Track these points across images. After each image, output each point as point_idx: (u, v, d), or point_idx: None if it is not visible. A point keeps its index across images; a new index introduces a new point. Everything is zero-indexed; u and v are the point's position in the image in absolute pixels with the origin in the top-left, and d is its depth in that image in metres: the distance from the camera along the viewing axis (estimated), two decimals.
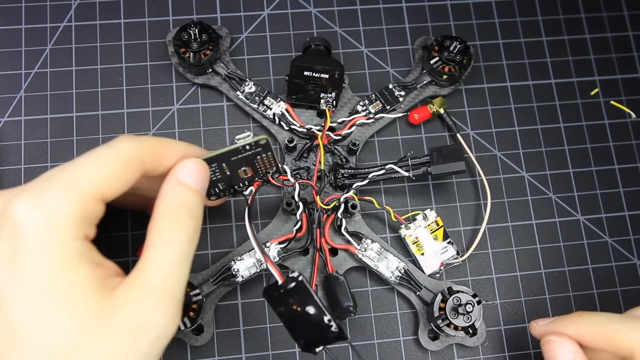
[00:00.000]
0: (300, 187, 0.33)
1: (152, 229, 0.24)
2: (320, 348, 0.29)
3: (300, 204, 0.33)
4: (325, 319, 0.29)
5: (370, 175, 0.34)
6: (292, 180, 0.33)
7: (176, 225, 0.24)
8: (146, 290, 0.22)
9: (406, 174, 0.34)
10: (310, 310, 0.29)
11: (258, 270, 0.33)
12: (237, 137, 0.29)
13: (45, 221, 0.21)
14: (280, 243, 0.33)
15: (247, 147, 0.28)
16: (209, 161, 0.27)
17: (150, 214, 0.32)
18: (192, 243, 0.24)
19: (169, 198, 0.25)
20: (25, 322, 0.21)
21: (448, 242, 0.35)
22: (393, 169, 0.34)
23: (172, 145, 0.26)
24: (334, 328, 0.29)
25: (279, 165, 0.30)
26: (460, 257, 0.35)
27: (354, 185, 0.34)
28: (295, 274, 0.29)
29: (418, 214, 0.35)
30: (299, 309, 0.29)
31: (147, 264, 0.23)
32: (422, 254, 0.34)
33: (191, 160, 0.26)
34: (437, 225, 0.35)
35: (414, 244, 0.35)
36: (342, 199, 0.34)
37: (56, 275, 0.21)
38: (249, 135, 0.29)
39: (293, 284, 0.29)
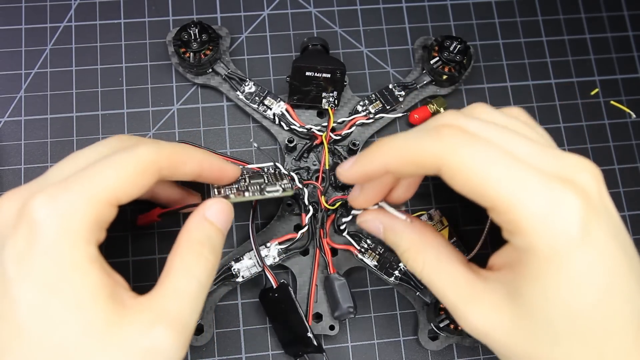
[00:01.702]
0: (307, 191, 0.34)
1: (174, 257, 0.25)
2: (302, 356, 0.31)
3: (310, 208, 0.33)
4: (308, 334, 0.30)
5: None
6: (299, 185, 0.33)
7: (198, 257, 0.25)
8: (162, 315, 0.23)
9: None
10: (294, 319, 0.30)
11: (258, 270, 0.33)
12: (267, 189, 0.29)
13: (61, 223, 0.22)
14: (280, 243, 0.33)
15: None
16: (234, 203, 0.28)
17: (154, 201, 0.32)
18: (210, 277, 0.25)
19: (194, 231, 0.25)
20: (32, 320, 0.21)
21: (453, 241, 0.35)
22: None
23: (189, 153, 0.26)
24: (313, 340, 0.30)
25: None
26: (468, 256, 0.35)
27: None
28: (283, 282, 0.32)
29: (423, 214, 0.35)
30: (285, 315, 0.31)
31: (165, 290, 0.24)
32: None
33: (219, 200, 0.27)
34: (443, 224, 0.35)
35: None
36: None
37: (66, 277, 0.21)
38: (278, 190, 0.30)
39: (281, 292, 0.31)
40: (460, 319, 0.25)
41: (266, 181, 0.30)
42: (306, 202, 0.33)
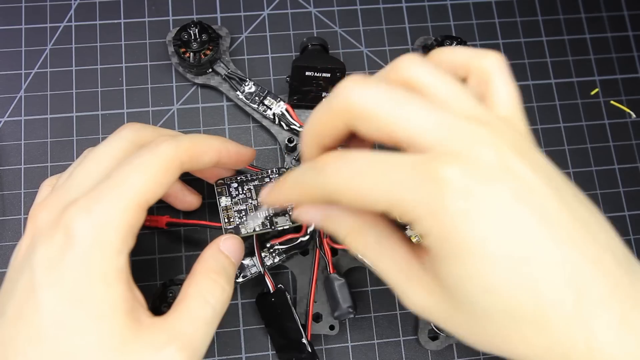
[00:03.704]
0: None
1: (190, 285, 0.25)
2: None
3: None
4: (303, 340, 0.30)
5: None
6: None
7: (214, 285, 0.25)
8: (175, 337, 0.23)
9: None
10: (289, 324, 0.30)
11: (258, 270, 0.33)
12: (277, 222, 0.31)
13: (97, 235, 0.22)
14: (281, 244, 0.33)
15: None
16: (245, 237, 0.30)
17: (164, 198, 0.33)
18: (223, 307, 0.26)
19: (210, 261, 0.26)
20: (52, 327, 0.21)
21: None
22: None
23: (207, 143, 0.27)
24: (307, 347, 0.30)
25: None
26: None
27: None
28: (280, 287, 0.32)
29: None
30: (280, 321, 0.31)
31: (180, 314, 0.24)
32: None
33: (233, 237, 0.29)
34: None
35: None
36: None
37: (92, 289, 0.22)
38: (287, 224, 0.31)
39: (277, 297, 0.31)
40: (402, 300, 0.23)
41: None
42: None
